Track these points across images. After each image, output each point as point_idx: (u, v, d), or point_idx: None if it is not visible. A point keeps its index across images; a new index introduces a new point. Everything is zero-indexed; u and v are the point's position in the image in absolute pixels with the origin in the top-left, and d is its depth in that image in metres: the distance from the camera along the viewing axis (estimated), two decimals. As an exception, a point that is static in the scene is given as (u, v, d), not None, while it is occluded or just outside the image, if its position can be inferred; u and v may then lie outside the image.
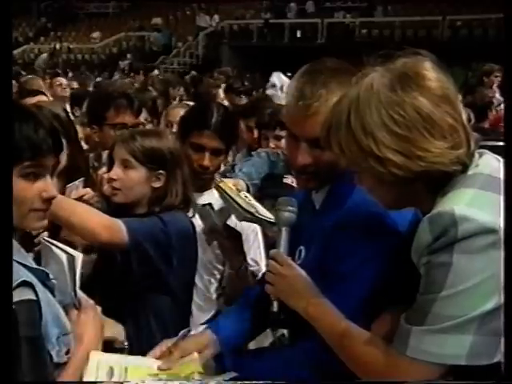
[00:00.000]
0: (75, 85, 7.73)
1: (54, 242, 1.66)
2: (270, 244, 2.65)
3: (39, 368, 1.32)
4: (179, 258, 2.16)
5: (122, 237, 2.04)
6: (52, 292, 1.47)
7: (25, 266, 1.38)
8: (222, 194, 2.23)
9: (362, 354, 1.39)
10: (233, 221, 2.29)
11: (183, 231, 2.19)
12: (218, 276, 2.63)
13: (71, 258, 1.59)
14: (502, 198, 1.26)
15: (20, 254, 1.42)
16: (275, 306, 1.58)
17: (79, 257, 1.60)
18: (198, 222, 2.31)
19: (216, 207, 2.35)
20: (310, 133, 1.57)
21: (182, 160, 2.27)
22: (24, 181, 1.40)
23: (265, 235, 2.56)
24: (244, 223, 2.42)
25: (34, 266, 1.44)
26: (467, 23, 19.98)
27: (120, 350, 1.78)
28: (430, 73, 1.34)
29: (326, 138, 1.42)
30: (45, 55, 23.55)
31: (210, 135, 2.46)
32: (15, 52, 22.59)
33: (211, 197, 2.50)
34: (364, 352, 1.39)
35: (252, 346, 1.96)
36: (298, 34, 22.06)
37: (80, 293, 1.62)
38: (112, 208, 2.22)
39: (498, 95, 6.94)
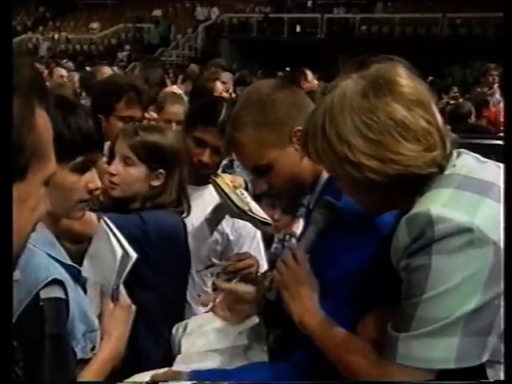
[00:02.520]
0: (76, 77, 7.65)
1: (116, 231, 1.64)
2: (268, 242, 2.65)
3: (62, 365, 1.30)
4: (162, 257, 2.11)
5: (94, 229, 1.98)
6: (83, 287, 1.46)
7: (57, 260, 1.37)
8: (217, 189, 2.21)
9: (355, 365, 1.39)
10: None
11: (166, 230, 2.14)
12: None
13: (126, 256, 1.57)
14: (478, 197, 1.27)
15: (54, 249, 1.40)
16: (273, 295, 1.57)
17: (133, 258, 1.58)
18: (190, 220, 2.28)
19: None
20: (247, 165, 1.72)
21: (183, 158, 2.25)
22: (74, 174, 1.45)
23: (263, 232, 2.55)
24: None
25: (68, 261, 1.42)
26: (466, 21, 20.04)
27: None
28: (403, 79, 1.35)
29: (303, 145, 1.44)
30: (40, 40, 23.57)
31: (214, 133, 2.38)
32: (13, 41, 22.50)
33: (213, 191, 2.48)
34: (356, 363, 1.38)
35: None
36: (298, 29, 22.06)
37: (122, 289, 1.60)
38: (106, 201, 2.21)
39: (497, 95, 6.94)
